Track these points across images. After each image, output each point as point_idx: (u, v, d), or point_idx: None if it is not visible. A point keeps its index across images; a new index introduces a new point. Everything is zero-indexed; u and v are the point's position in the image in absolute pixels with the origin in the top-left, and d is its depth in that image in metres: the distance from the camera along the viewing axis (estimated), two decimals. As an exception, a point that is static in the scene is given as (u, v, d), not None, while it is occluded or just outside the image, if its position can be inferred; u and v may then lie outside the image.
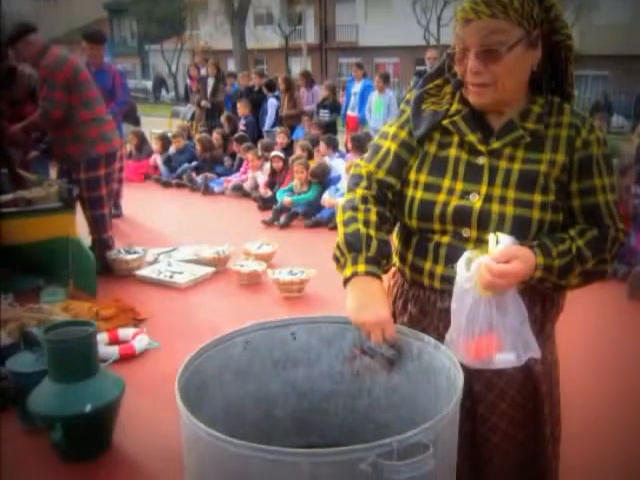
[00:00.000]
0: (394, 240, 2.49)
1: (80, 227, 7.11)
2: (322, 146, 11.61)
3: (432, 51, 14.17)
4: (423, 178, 2.31)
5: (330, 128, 14.16)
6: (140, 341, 5.72)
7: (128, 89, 11.10)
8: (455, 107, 2.31)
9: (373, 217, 2.26)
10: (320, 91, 15.57)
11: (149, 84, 48.79)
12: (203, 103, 16.35)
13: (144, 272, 7.71)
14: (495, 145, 2.24)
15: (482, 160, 2.25)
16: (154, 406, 4.67)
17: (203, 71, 17.15)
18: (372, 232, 2.22)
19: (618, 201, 2.33)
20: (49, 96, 6.84)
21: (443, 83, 2.40)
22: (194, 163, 13.68)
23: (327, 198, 10.48)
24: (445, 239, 2.28)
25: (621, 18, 32.15)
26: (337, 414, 2.43)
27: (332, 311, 2.42)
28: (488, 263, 2.03)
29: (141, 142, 14.44)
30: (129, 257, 7.76)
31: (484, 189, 2.22)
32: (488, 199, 2.20)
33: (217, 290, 7.41)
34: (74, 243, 6.70)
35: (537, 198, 2.18)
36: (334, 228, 9.03)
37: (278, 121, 14.95)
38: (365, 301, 2.13)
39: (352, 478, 1.63)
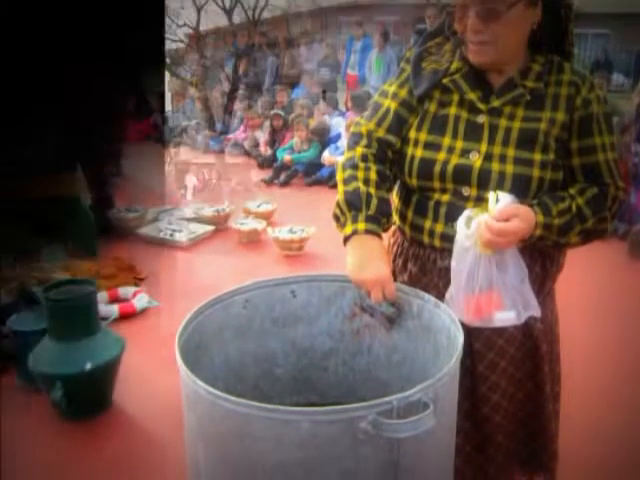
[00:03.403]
0: (394, 199, 2.49)
1: (80, 186, 7.09)
2: (322, 104, 11.58)
3: (432, 9, 14.03)
4: (423, 136, 2.29)
5: (330, 86, 14.10)
6: (140, 300, 5.73)
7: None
8: (455, 65, 2.29)
9: (373, 175, 2.25)
10: (320, 49, 15.48)
11: (148, 42, 48.60)
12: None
13: (144, 231, 7.73)
14: (495, 103, 2.22)
15: (482, 118, 2.24)
16: (154, 364, 4.68)
17: (203, 29, 17.08)
18: (372, 190, 2.21)
19: (618, 159, 2.32)
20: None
21: (443, 41, 2.37)
22: (194, 122, 13.61)
23: (327, 156, 10.48)
24: (445, 198, 2.27)
25: (622, -25, 31.85)
26: (337, 372, 2.44)
27: (332, 269, 2.42)
28: (488, 221, 2.02)
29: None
30: (129, 216, 7.78)
31: (484, 147, 2.21)
32: (488, 157, 2.19)
33: (217, 248, 7.42)
34: (74, 202, 6.69)
35: (537, 156, 2.17)
36: (334, 186, 9.02)
37: (278, 79, 14.88)
38: (365, 259, 2.13)
39: (352, 436, 1.63)
